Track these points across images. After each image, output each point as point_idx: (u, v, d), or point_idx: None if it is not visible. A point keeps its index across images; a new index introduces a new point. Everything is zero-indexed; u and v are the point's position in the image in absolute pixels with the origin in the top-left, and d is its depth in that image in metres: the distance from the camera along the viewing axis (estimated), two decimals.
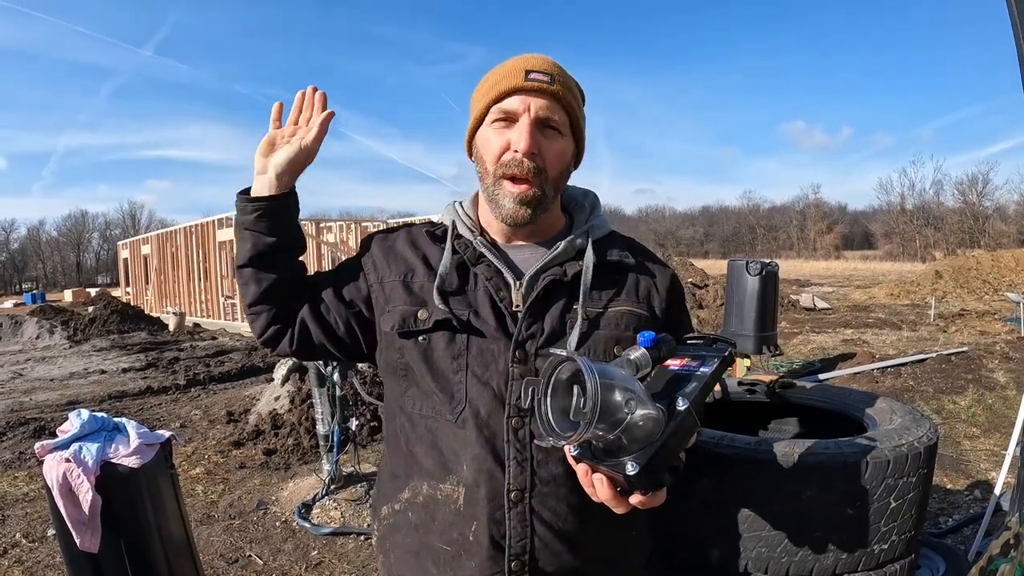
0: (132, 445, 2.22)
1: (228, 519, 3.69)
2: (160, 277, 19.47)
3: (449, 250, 1.06)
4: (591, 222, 1.12)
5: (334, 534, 3.41)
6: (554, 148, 1.03)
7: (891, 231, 54.42)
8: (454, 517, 1.01)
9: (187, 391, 7.51)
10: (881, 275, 28.63)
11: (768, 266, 5.65)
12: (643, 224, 76.95)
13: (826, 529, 1.28)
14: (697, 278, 16.08)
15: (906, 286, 18.08)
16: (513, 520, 0.98)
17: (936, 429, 1.52)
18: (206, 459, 4.78)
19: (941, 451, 4.59)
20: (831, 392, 1.87)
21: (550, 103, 1.02)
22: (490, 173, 1.04)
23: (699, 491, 1.33)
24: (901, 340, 9.89)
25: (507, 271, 1.05)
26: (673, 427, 0.79)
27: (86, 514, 2.09)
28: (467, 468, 0.99)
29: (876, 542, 1.31)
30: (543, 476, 0.99)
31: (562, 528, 1.00)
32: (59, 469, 2.12)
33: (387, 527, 1.11)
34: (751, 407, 2.03)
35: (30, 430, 5.77)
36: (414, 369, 1.05)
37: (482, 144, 1.06)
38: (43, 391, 7.85)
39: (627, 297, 1.07)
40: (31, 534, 3.55)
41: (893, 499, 1.31)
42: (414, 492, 1.06)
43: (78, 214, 62.82)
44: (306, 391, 5.43)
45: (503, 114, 1.02)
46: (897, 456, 1.31)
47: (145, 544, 2.22)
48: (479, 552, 0.99)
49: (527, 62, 1.03)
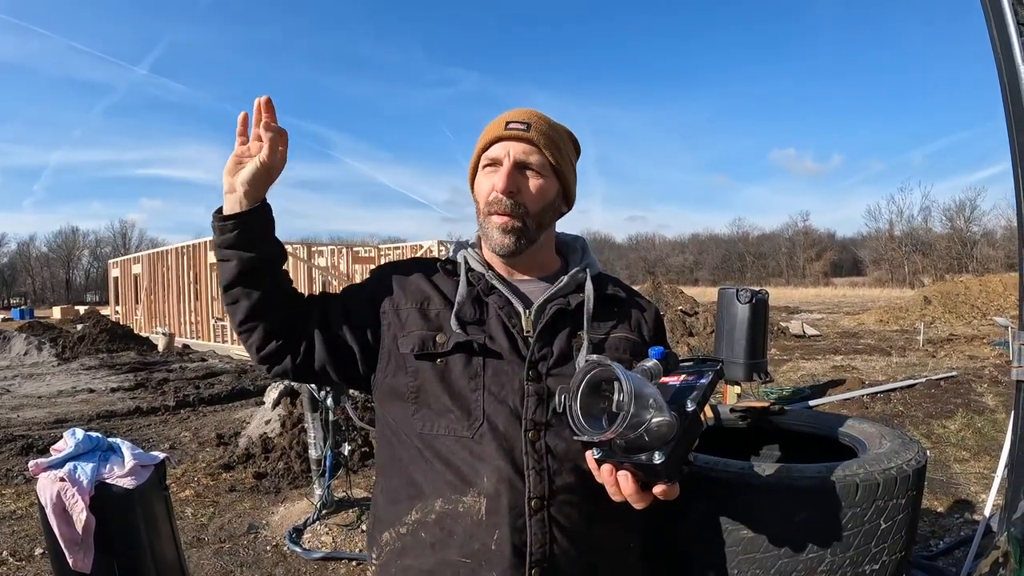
0: (127, 466, 2.22)
1: (218, 542, 3.65)
2: (150, 297, 19.37)
3: (464, 282, 1.16)
4: (585, 261, 1.25)
5: (326, 559, 3.38)
6: (532, 186, 1.16)
7: (880, 258, 55.07)
8: (475, 528, 1.05)
9: (177, 412, 7.45)
10: (870, 301, 28.91)
11: (758, 294, 5.74)
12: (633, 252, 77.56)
13: (819, 550, 1.30)
14: (687, 305, 16.19)
15: (895, 312, 18.26)
16: (534, 527, 1.04)
17: (924, 452, 1.56)
18: (196, 481, 4.73)
19: (931, 475, 4.63)
20: (821, 418, 1.92)
21: (527, 147, 1.15)
22: (481, 211, 1.18)
23: (694, 514, 1.36)
24: (890, 366, 9.98)
25: (516, 300, 1.16)
26: (687, 425, 0.91)
27: (80, 534, 2.08)
28: (487, 480, 1.05)
29: (867, 563, 1.34)
30: (559, 484, 1.06)
31: (577, 533, 1.07)
32: (53, 488, 2.11)
33: (391, 552, 1.13)
34: (743, 433, 2.06)
35: (17, 447, 5.71)
36: (428, 390, 1.11)
37: (476, 188, 1.21)
38: (31, 408, 7.77)
39: (623, 326, 1.20)
40: (18, 552, 3.50)
41: (883, 521, 1.34)
42: (424, 512, 1.09)
43: (69, 231, 62.71)
44: (297, 415, 5.41)
45: (490, 160, 1.17)
46: (887, 479, 1.35)
47: (138, 566, 2.20)
48: (501, 561, 1.03)
49: (509, 115, 1.18)
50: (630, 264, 77.68)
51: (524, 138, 1.15)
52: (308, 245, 19.91)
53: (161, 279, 18.60)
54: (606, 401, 0.91)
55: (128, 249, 58.67)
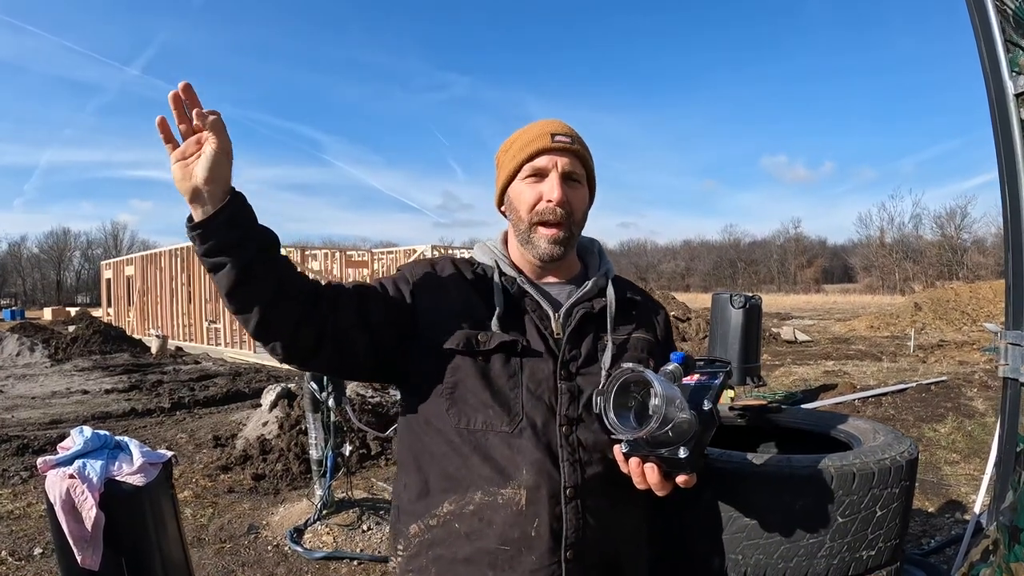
0: (135, 464, 2.24)
1: (219, 542, 3.67)
2: (143, 299, 19.30)
3: (499, 286, 1.23)
4: (604, 266, 1.33)
5: (327, 559, 3.41)
6: (578, 196, 1.24)
7: (870, 264, 55.48)
8: (516, 518, 1.11)
9: (172, 414, 7.45)
10: (861, 308, 29.13)
11: (751, 299, 5.83)
12: (625, 258, 77.66)
13: (818, 536, 1.37)
14: (679, 311, 16.29)
15: (886, 318, 18.44)
16: (569, 513, 1.12)
17: (916, 446, 1.62)
18: (194, 483, 4.75)
19: (922, 476, 4.70)
20: (817, 416, 1.99)
21: (572, 159, 1.22)
22: (524, 220, 1.23)
23: (700, 503, 1.42)
24: (882, 371, 10.09)
25: (546, 303, 1.23)
26: (705, 422, 1.02)
27: (89, 531, 2.10)
28: (527, 472, 1.12)
29: (864, 548, 1.40)
30: (590, 474, 1.15)
31: (605, 516, 1.16)
32: (63, 485, 2.14)
33: (420, 544, 1.17)
34: (743, 431, 2.12)
35: (13, 447, 5.69)
36: (467, 385, 1.16)
37: (516, 196, 1.25)
38: (25, 408, 7.75)
39: (641, 327, 1.29)
40: (17, 552, 3.51)
41: (879, 508, 1.41)
42: (460, 504, 1.14)
43: (60, 232, 62.22)
44: (295, 417, 5.43)
45: (534, 171, 1.22)
46: (882, 468, 1.41)
47: (146, 562, 2.23)
48: (540, 546, 1.11)
49: (551, 126, 1.24)
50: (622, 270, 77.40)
51: (570, 150, 1.22)
52: (301, 248, 19.90)
53: (154, 281, 18.54)
54: (632, 400, 1.01)
55: (120, 251, 58.36)
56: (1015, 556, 1.50)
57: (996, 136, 1.82)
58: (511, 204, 1.26)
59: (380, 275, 19.69)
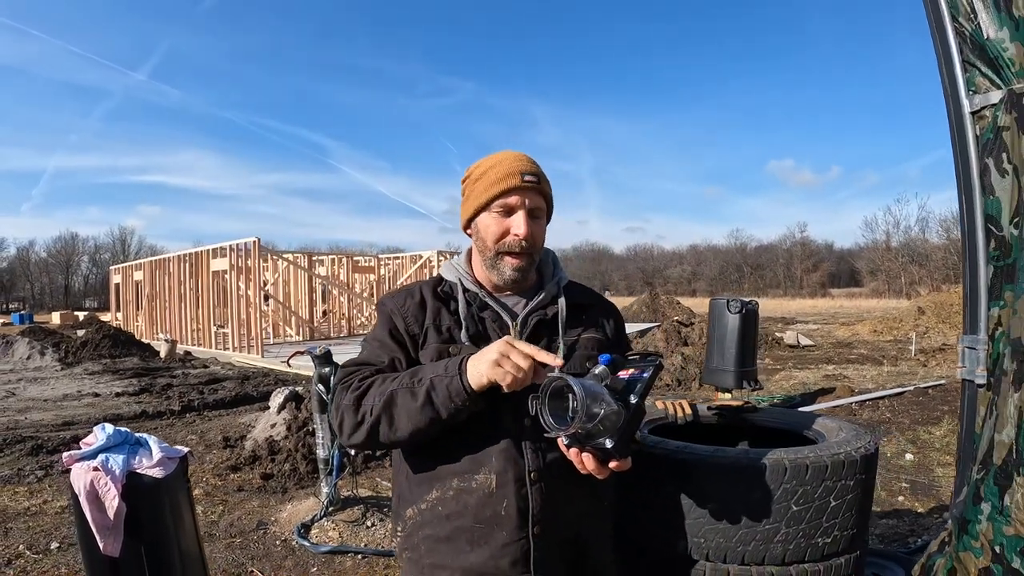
0: (155, 458, 2.39)
1: (229, 537, 3.82)
2: (152, 304, 19.53)
3: (463, 302, 1.40)
4: (557, 275, 1.48)
5: (333, 552, 3.55)
6: (539, 228, 1.40)
7: (876, 268, 55.34)
8: (487, 499, 1.30)
9: (182, 416, 7.61)
10: (866, 312, 29.11)
11: (748, 304, 5.93)
12: (631, 263, 77.61)
13: (773, 523, 1.50)
14: (683, 316, 16.41)
15: (889, 322, 18.46)
16: (534, 494, 1.30)
17: (875, 442, 1.75)
18: (204, 482, 4.90)
19: (915, 478, 4.81)
20: (789, 415, 2.13)
21: (537, 197, 1.38)
22: (491, 249, 1.38)
23: (668, 490, 1.56)
24: (881, 375, 10.17)
25: (505, 314, 1.41)
26: (631, 415, 1.16)
27: (111, 520, 2.25)
28: (496, 460, 1.30)
29: (819, 536, 1.53)
30: (550, 460, 1.32)
31: (565, 497, 1.34)
32: (87, 477, 2.29)
33: (414, 525, 1.37)
34: (719, 429, 2.26)
35: (27, 448, 5.85)
36: None
37: (484, 227, 1.39)
38: (37, 411, 7.92)
39: (591, 328, 1.45)
40: (35, 546, 3.66)
41: (833, 499, 1.54)
42: (443, 490, 1.33)
43: (68, 236, 62.80)
44: (302, 419, 5.58)
45: (504, 207, 1.37)
46: (835, 462, 1.55)
47: (164, 551, 2.37)
48: (509, 523, 1.29)
49: (521, 165, 1.38)
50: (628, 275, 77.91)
51: (536, 189, 1.37)
52: (308, 254, 20.14)
53: (163, 286, 18.76)
54: (567, 402, 1.13)
55: (127, 256, 58.85)
56: (964, 546, 1.63)
57: (955, 151, 1.96)
58: (479, 232, 1.41)
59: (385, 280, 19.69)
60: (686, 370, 9.79)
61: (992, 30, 1.78)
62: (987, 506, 1.60)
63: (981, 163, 1.79)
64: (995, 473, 1.59)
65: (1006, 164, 1.73)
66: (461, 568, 1.32)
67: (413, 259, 19.97)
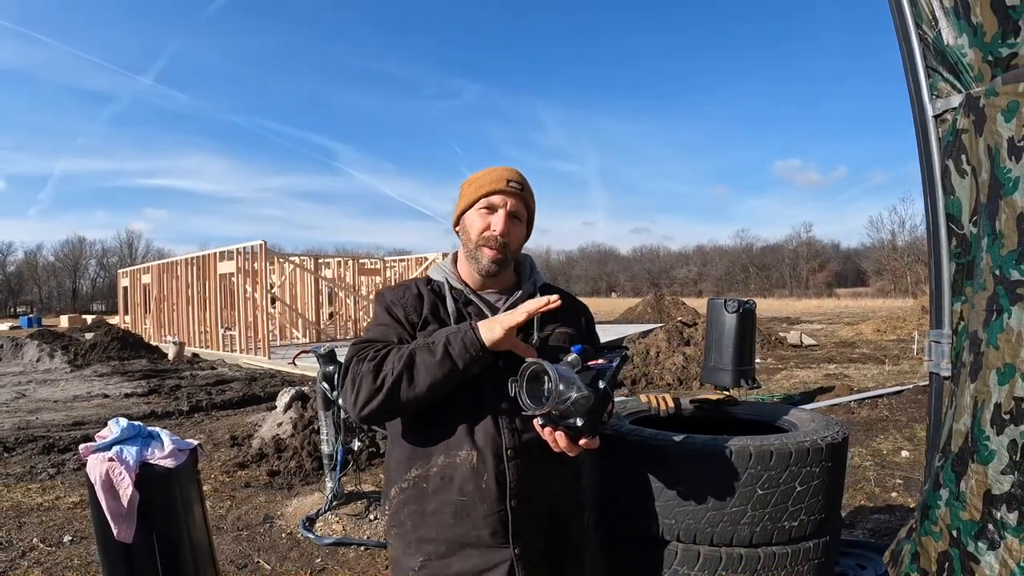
0: (167, 449, 2.52)
1: (236, 530, 3.95)
2: (160, 307, 19.73)
3: (450, 299, 1.54)
4: (534, 276, 1.64)
5: (336, 544, 3.67)
6: (516, 231, 1.55)
7: (882, 268, 55.16)
8: (470, 474, 1.43)
9: (190, 416, 7.75)
10: (871, 312, 29.03)
11: (745, 304, 6.02)
12: (637, 263, 77.56)
13: (740, 505, 1.61)
14: (687, 317, 16.47)
15: (892, 322, 18.46)
16: (511, 469, 1.43)
17: (844, 432, 1.85)
18: (212, 478, 5.03)
19: (909, 475, 4.89)
20: (767, 408, 2.23)
21: (518, 202, 1.54)
22: (473, 241, 1.53)
23: (641, 473, 1.67)
24: (882, 374, 10.22)
25: (487, 309, 1.54)
26: (600, 398, 1.30)
27: (125, 507, 2.38)
28: (477, 438, 1.44)
29: (786, 519, 1.63)
30: (526, 439, 1.45)
31: (540, 472, 1.47)
32: (102, 467, 2.41)
33: (399, 502, 1.49)
34: (702, 421, 2.36)
35: (39, 447, 6.00)
36: None
37: (470, 222, 1.56)
38: (48, 411, 8.07)
39: (563, 323, 1.58)
40: (48, 539, 3.80)
41: (798, 484, 1.63)
42: (426, 467, 1.45)
43: (75, 240, 63.27)
44: (308, 418, 5.72)
45: (488, 205, 1.52)
46: (799, 449, 1.64)
47: (175, 539, 2.49)
48: (489, 496, 1.42)
49: (507, 173, 1.55)
50: (635, 276, 77.87)
51: (517, 195, 1.53)
52: (315, 257, 20.29)
53: (171, 289, 18.96)
54: (543, 385, 1.26)
55: (135, 259, 59.29)
56: (925, 531, 1.72)
57: (920, 153, 2.05)
58: (465, 227, 1.57)
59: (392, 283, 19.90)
60: (687, 370, 9.86)
61: (952, 37, 1.87)
62: (945, 492, 1.69)
63: (943, 164, 1.88)
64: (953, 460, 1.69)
65: (965, 165, 1.82)
66: (446, 540, 1.44)
67: (419, 261, 20.10)
